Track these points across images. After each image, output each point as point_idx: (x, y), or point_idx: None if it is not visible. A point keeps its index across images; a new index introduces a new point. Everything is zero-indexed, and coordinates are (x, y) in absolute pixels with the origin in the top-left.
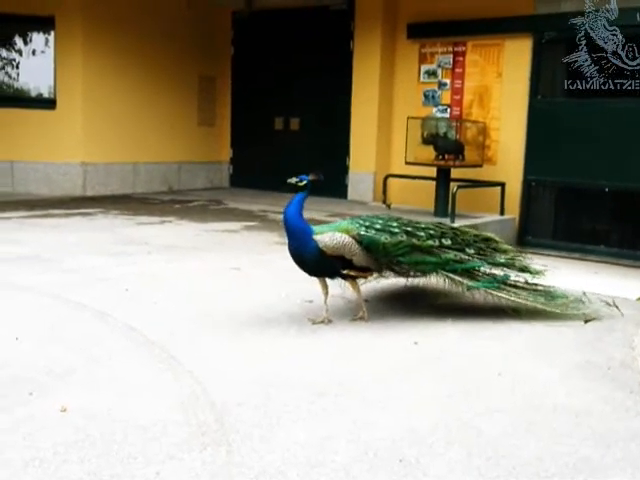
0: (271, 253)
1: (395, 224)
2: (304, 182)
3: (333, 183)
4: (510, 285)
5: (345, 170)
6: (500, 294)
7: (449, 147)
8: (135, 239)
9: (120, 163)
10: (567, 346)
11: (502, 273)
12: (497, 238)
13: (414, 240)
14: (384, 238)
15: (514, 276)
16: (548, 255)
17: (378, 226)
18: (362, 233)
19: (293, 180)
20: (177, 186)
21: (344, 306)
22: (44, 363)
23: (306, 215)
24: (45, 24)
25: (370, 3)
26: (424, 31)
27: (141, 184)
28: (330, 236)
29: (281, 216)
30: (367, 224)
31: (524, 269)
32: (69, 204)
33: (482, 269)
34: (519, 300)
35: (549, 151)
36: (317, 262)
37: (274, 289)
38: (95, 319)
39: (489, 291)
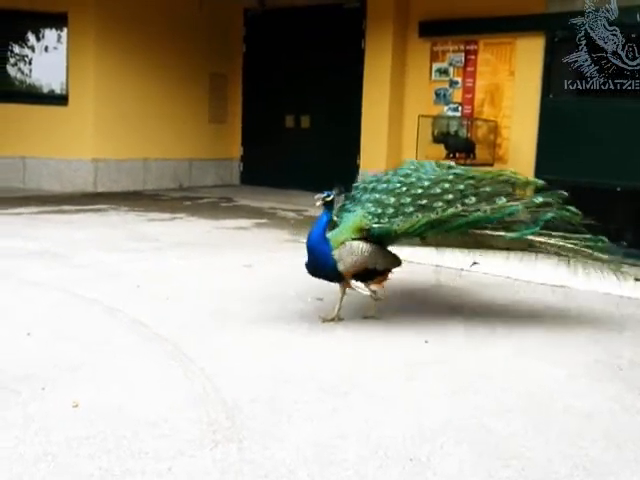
0: (281, 251)
1: (409, 200)
2: (331, 197)
3: (343, 181)
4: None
5: (356, 168)
6: (544, 240)
7: (460, 145)
8: (146, 235)
9: (131, 160)
10: (577, 346)
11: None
12: (519, 175)
13: (432, 215)
14: (396, 225)
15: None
16: None
17: (391, 210)
18: (374, 226)
19: (321, 196)
20: (188, 183)
21: (355, 304)
22: (56, 359)
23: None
24: (58, 21)
25: (382, 1)
26: (436, 29)
27: (152, 181)
28: (347, 252)
29: (292, 214)
30: (379, 211)
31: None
32: (80, 200)
33: (518, 215)
34: (568, 245)
35: (560, 150)
36: (338, 277)
37: (285, 286)
38: (106, 315)
39: (533, 238)
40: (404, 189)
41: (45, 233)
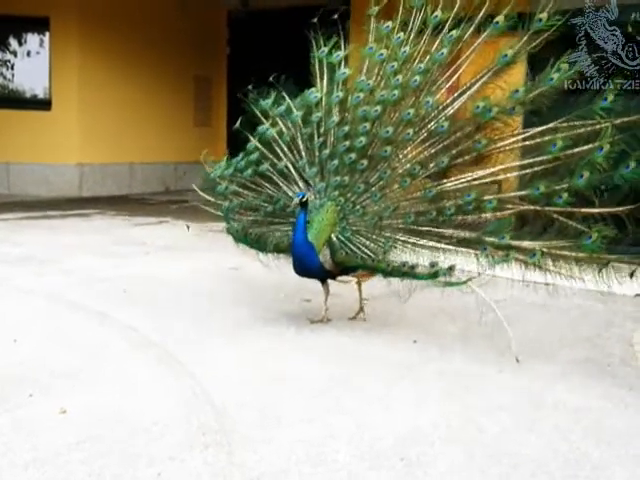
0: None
1: (378, 195)
2: (306, 197)
3: None
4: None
5: None
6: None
7: None
8: (132, 240)
9: (116, 164)
10: (566, 342)
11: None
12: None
13: (368, 262)
14: (339, 254)
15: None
16: None
17: (359, 210)
18: (332, 237)
19: (296, 201)
20: (174, 186)
21: (342, 305)
22: (44, 364)
23: None
24: (40, 25)
25: (366, 3)
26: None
27: (138, 184)
28: (330, 253)
29: None
30: (348, 207)
31: None
32: (66, 205)
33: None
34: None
35: None
36: (328, 275)
37: (272, 289)
38: (95, 320)
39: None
40: (364, 163)
41: (31, 239)
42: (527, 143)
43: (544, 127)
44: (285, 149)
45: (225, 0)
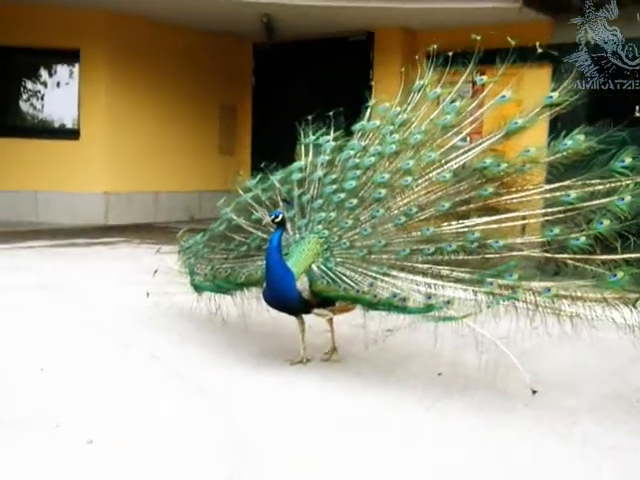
0: None
1: (370, 230)
2: (280, 216)
3: None
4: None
5: None
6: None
7: None
8: (157, 268)
9: (142, 192)
10: (593, 377)
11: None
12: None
13: (351, 292)
14: (319, 282)
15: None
16: None
17: (346, 243)
18: (313, 267)
19: (270, 219)
20: (198, 215)
21: (365, 336)
22: (69, 394)
23: None
24: (70, 57)
25: (388, 34)
26: (443, 60)
27: (163, 213)
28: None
29: None
30: (334, 240)
31: None
32: (92, 233)
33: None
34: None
35: None
36: (304, 306)
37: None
38: (119, 349)
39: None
40: (354, 202)
41: (57, 266)
42: (536, 197)
43: (557, 184)
44: (258, 206)
45: (251, 33)
